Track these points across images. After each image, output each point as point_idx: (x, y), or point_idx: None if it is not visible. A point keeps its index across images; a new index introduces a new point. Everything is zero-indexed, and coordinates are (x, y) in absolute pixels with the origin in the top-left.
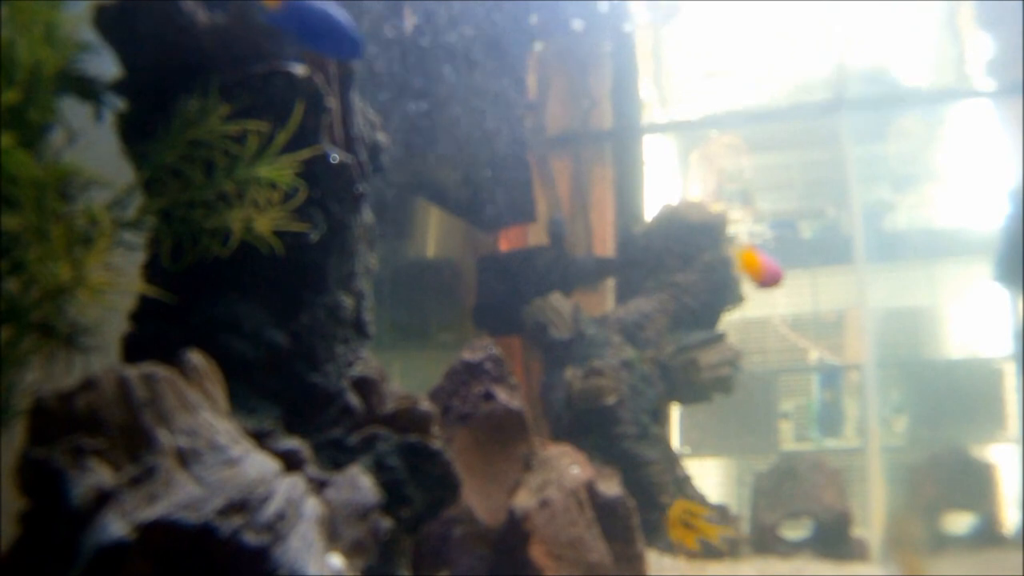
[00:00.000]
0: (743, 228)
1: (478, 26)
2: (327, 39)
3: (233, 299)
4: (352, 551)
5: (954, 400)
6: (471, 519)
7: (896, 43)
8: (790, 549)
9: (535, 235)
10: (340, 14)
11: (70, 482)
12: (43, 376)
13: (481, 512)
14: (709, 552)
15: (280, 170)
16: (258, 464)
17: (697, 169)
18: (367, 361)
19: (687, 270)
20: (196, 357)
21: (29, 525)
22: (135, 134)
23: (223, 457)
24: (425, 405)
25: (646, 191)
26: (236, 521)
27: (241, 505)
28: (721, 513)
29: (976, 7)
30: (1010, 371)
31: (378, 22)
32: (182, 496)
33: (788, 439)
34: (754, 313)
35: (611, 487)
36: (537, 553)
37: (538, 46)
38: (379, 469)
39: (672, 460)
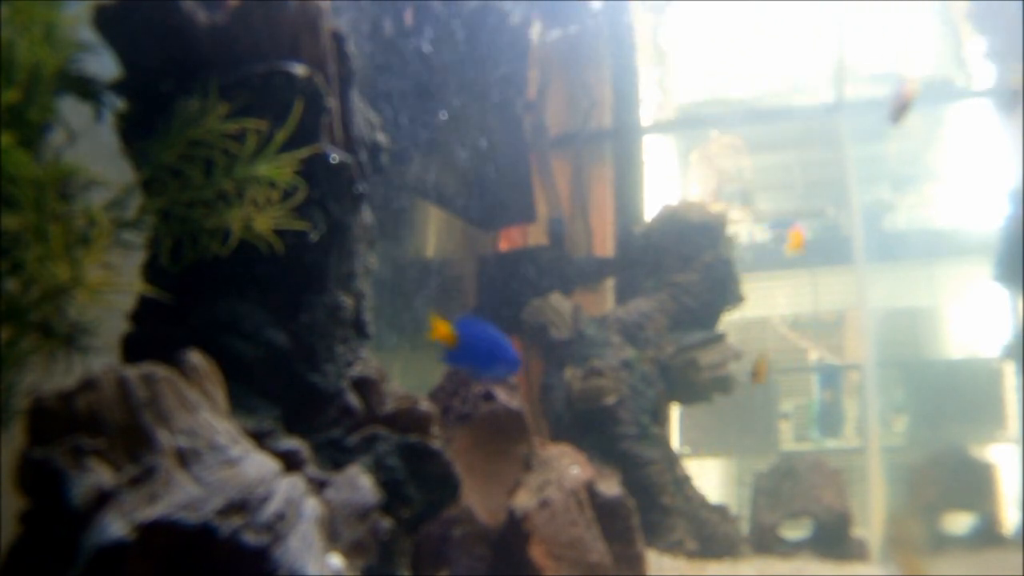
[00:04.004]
0: (743, 228)
1: (478, 27)
2: (491, 363)
3: (233, 299)
4: (352, 551)
5: (954, 400)
6: (471, 519)
7: (896, 43)
8: (790, 549)
9: (535, 235)
10: (503, 340)
11: (70, 482)
12: (43, 376)
13: (481, 512)
14: (709, 552)
15: (279, 169)
16: (258, 464)
17: (697, 169)
18: (367, 361)
19: (687, 270)
20: (196, 357)
21: (29, 525)
22: (135, 134)
23: (223, 457)
24: (425, 405)
25: (646, 191)
26: (236, 521)
27: (241, 505)
28: (721, 513)
29: (970, 7)
30: (1010, 371)
31: (378, 21)
32: (182, 496)
33: (788, 439)
34: (754, 313)
35: (611, 487)
36: (537, 553)
37: (536, 41)
38: (379, 469)
39: (672, 460)
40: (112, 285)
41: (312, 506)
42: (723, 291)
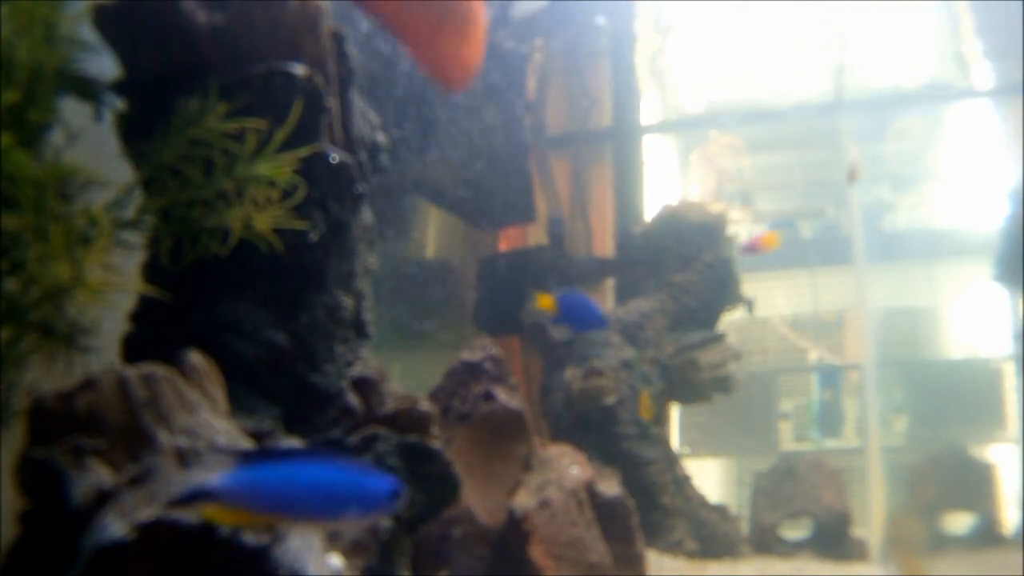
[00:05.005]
0: (743, 228)
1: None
2: (584, 320)
3: (233, 299)
4: (352, 551)
5: (954, 400)
6: (471, 519)
7: (896, 43)
8: (790, 549)
9: (535, 235)
10: (593, 303)
11: (70, 482)
12: (43, 376)
13: (481, 512)
14: (709, 552)
15: (279, 168)
16: None
17: (697, 169)
18: (367, 361)
19: (687, 270)
20: (196, 357)
21: (29, 525)
22: (135, 134)
23: (223, 457)
24: (425, 405)
25: (646, 191)
26: None
27: None
28: (721, 513)
29: (970, 6)
30: (1010, 371)
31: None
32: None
33: (788, 439)
34: (754, 313)
35: (611, 487)
36: (537, 553)
37: (538, 44)
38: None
39: (672, 460)
40: (112, 285)
41: None
42: (723, 291)
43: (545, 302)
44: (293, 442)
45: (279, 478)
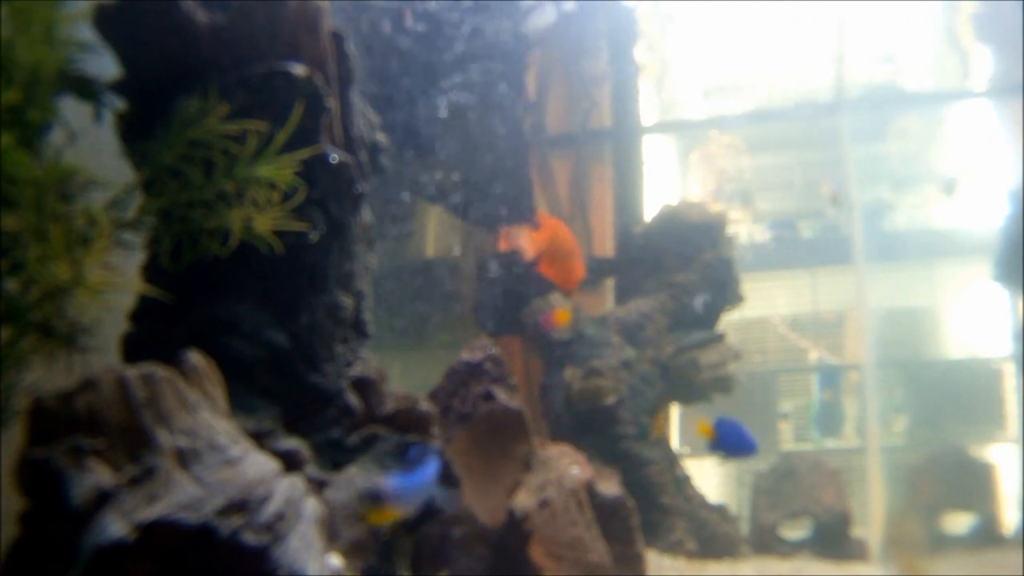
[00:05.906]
0: (743, 228)
1: (477, 27)
2: (737, 447)
3: (232, 299)
4: (352, 551)
5: (954, 400)
6: (471, 519)
7: (896, 43)
8: (790, 549)
9: None
10: (746, 431)
11: (70, 482)
12: (43, 376)
13: (481, 512)
14: (709, 552)
15: (279, 169)
16: (257, 464)
17: (697, 169)
18: (367, 361)
19: (687, 270)
20: (195, 357)
21: (29, 525)
22: (135, 134)
23: (223, 457)
24: (424, 405)
25: (646, 191)
26: (235, 521)
27: (240, 505)
28: (721, 513)
29: (973, 16)
30: (1010, 371)
31: (378, 22)
32: (182, 496)
33: (788, 439)
34: (754, 313)
35: (611, 487)
36: (537, 553)
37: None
38: (379, 469)
39: (672, 460)
40: (112, 285)
41: (312, 506)
42: (723, 291)
43: (703, 429)
44: (292, 442)
45: None
